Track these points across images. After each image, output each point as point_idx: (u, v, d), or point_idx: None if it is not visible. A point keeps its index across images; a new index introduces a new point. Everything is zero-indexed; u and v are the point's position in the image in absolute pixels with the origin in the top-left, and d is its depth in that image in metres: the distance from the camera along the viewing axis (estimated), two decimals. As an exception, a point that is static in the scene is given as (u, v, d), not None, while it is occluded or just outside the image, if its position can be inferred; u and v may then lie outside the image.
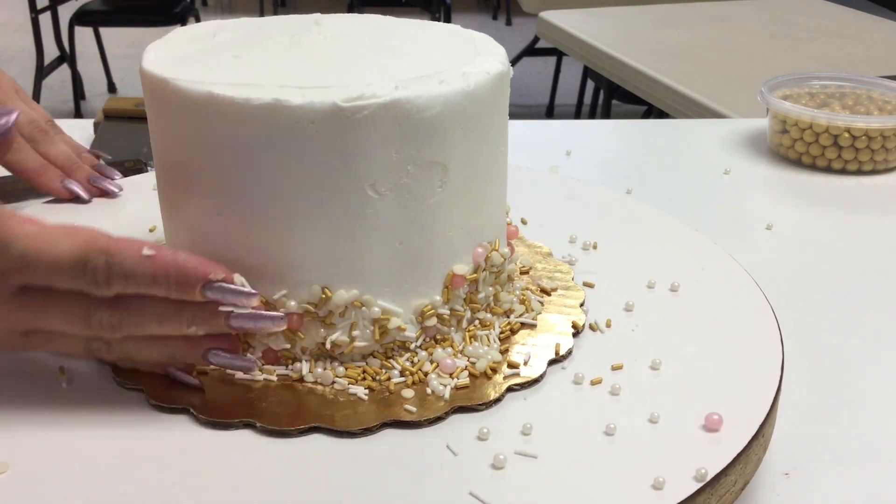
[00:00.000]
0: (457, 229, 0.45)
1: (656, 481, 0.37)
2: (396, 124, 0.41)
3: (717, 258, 0.55)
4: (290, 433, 0.40)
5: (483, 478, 0.38)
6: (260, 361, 0.44)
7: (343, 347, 0.43)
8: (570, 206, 0.63)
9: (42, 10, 3.03)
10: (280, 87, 0.40)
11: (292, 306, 0.43)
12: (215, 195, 0.42)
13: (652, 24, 1.69)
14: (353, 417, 0.41)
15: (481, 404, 0.42)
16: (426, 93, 0.41)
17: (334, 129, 0.40)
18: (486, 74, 0.44)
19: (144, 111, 0.46)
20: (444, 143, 0.42)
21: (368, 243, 0.42)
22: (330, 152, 0.40)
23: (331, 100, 0.39)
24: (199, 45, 0.46)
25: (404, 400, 0.42)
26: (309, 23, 0.51)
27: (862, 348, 0.57)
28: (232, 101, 0.40)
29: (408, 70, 0.43)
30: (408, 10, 3.43)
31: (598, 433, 0.40)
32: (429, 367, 0.44)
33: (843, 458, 0.47)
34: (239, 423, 0.40)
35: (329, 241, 0.42)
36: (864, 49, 1.51)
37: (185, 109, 0.41)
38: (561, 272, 0.53)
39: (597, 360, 0.45)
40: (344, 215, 0.41)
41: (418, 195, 0.42)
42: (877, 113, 0.87)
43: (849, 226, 0.74)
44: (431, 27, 0.51)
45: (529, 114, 3.20)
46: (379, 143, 0.41)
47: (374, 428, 0.40)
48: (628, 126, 1.03)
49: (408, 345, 0.44)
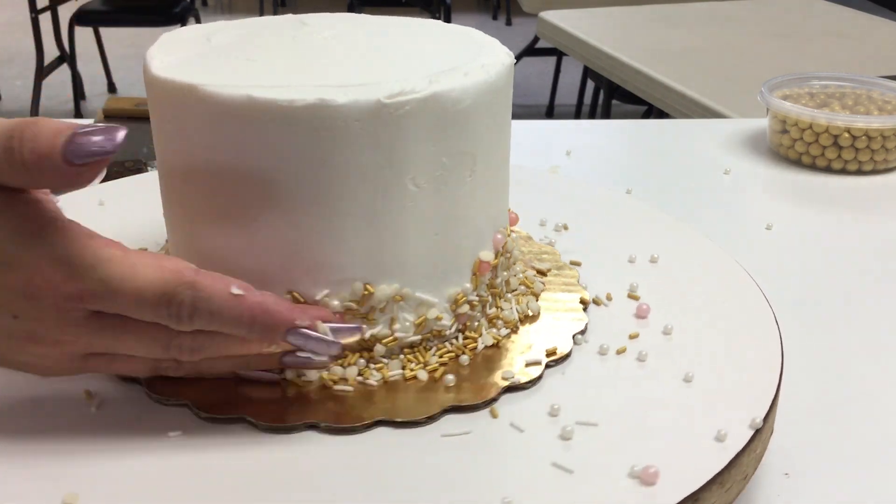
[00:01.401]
0: (482, 216, 0.46)
1: (718, 433, 0.40)
2: (434, 117, 0.41)
3: (716, 258, 0.56)
4: (356, 429, 0.40)
5: (555, 447, 0.39)
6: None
7: (384, 342, 0.44)
8: (569, 206, 0.63)
9: (42, 10, 3.04)
10: (319, 87, 0.40)
11: (335, 305, 0.43)
12: (257, 200, 0.41)
13: (652, 24, 1.69)
14: (413, 408, 0.41)
15: (528, 383, 0.43)
16: (457, 85, 0.42)
17: (378, 125, 0.40)
18: (501, 65, 0.45)
19: (144, 111, 0.46)
20: (473, 133, 0.43)
21: (408, 237, 0.43)
22: (374, 149, 0.40)
23: (374, 97, 0.40)
24: (200, 49, 0.46)
25: (452, 386, 0.43)
26: (296, 23, 0.51)
27: (862, 348, 0.57)
28: (274, 104, 0.39)
29: (428, 65, 0.43)
30: (408, 10, 3.43)
31: (643, 397, 0.43)
32: (465, 356, 0.45)
33: (843, 458, 0.47)
34: (302, 425, 0.40)
35: (371, 238, 0.42)
36: (864, 49, 1.51)
37: (219, 115, 0.40)
38: (547, 253, 0.55)
39: (612, 332, 0.48)
40: (387, 211, 0.42)
41: (452, 185, 0.43)
42: (877, 113, 0.87)
43: (849, 226, 0.74)
44: (417, 24, 0.52)
45: (529, 114, 3.20)
46: (418, 137, 0.41)
47: (436, 416, 0.41)
48: (628, 126, 1.03)
49: (444, 333, 0.45)
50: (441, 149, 0.42)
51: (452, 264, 0.45)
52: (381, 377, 0.43)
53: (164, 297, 0.36)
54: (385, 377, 0.43)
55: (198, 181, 0.43)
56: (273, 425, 0.40)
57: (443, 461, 0.39)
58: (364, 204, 0.41)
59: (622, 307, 0.50)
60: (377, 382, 0.43)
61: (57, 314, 0.36)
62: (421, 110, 0.41)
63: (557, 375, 0.44)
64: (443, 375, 0.43)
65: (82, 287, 0.36)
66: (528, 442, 0.40)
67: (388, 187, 0.41)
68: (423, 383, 0.43)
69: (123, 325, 0.37)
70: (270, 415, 0.40)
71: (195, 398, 0.41)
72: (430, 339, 0.45)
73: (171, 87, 0.42)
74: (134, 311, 0.36)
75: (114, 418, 0.40)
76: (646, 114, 2.31)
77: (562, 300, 0.50)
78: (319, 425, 0.40)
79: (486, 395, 0.42)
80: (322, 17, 0.52)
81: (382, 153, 0.41)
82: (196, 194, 0.44)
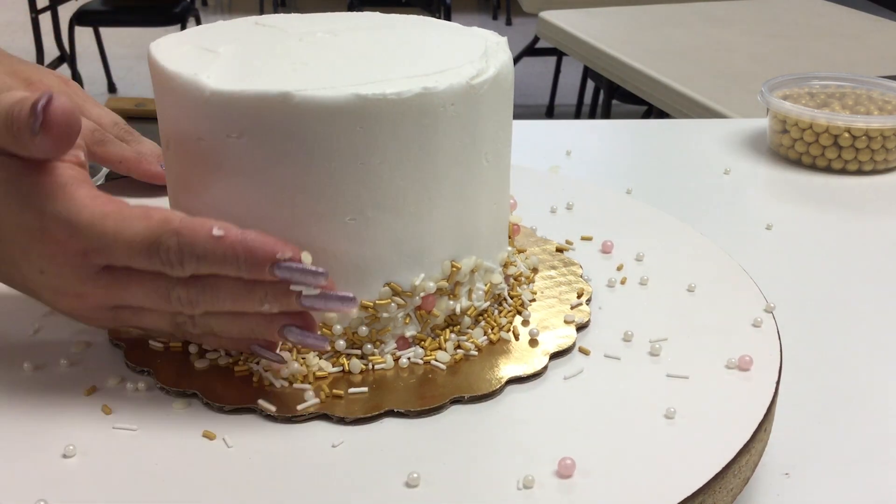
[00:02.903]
0: (511, 187, 0.50)
1: (717, 433, 0.40)
2: (496, 95, 0.44)
3: (716, 258, 0.56)
4: (429, 412, 0.41)
5: (578, 435, 0.40)
6: (396, 351, 0.44)
7: (469, 314, 0.46)
8: (569, 206, 0.63)
9: (42, 10, 3.04)
10: (417, 78, 0.41)
11: (430, 287, 0.44)
12: (362, 198, 0.42)
13: (652, 24, 1.69)
14: (484, 382, 0.43)
15: (532, 374, 0.44)
16: (501, 66, 0.45)
17: (467, 106, 0.43)
18: (506, 53, 0.47)
19: (144, 111, 0.46)
20: (511, 109, 0.47)
21: (480, 210, 0.46)
22: (463, 129, 0.43)
23: (464, 80, 0.42)
24: (228, 61, 0.44)
25: (522, 348, 0.45)
26: (291, 22, 0.51)
27: (862, 348, 0.57)
28: (384, 98, 0.40)
29: (465, 53, 0.45)
30: (408, 10, 3.43)
31: (668, 382, 0.44)
32: (518, 317, 0.48)
33: (843, 458, 0.47)
34: (381, 413, 0.41)
35: (458, 216, 0.45)
36: (864, 49, 1.51)
37: (321, 117, 0.40)
38: (546, 247, 0.57)
39: (614, 327, 0.49)
40: (469, 187, 0.45)
41: (501, 156, 0.47)
42: (877, 113, 0.87)
43: (849, 226, 0.74)
44: (408, 20, 0.52)
45: (529, 114, 3.20)
46: (491, 115, 0.44)
47: (501, 388, 0.43)
48: (628, 126, 1.03)
49: (502, 296, 0.49)
50: (498, 124, 0.45)
51: (502, 230, 0.49)
52: (474, 346, 0.45)
53: (153, 244, 0.39)
54: (478, 345, 0.45)
55: (282, 189, 0.42)
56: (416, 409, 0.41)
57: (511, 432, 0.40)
58: (454, 184, 0.44)
59: (624, 299, 0.50)
60: (475, 353, 0.45)
61: (72, 270, 0.40)
62: (492, 89, 0.44)
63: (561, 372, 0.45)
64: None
65: (85, 244, 0.39)
66: (551, 422, 0.41)
67: (470, 165, 0.44)
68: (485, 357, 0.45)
69: (128, 277, 0.40)
70: (354, 407, 0.41)
71: (203, 390, 0.41)
72: (493, 304, 0.48)
73: (251, 99, 0.40)
74: (132, 260, 0.39)
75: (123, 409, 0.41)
76: (646, 114, 2.31)
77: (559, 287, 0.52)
78: (401, 411, 0.41)
79: (537, 365, 0.44)
80: (312, 18, 0.52)
81: (469, 132, 0.43)
82: (281, 202, 0.42)
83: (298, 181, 0.41)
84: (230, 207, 0.43)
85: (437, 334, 0.45)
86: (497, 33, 0.49)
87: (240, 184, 0.42)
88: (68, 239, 0.39)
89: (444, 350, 0.45)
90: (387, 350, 0.44)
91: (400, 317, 0.44)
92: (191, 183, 0.44)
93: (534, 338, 0.46)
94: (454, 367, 0.44)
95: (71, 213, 0.39)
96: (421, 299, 0.44)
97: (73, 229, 0.39)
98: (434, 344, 0.45)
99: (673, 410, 0.41)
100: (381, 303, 0.44)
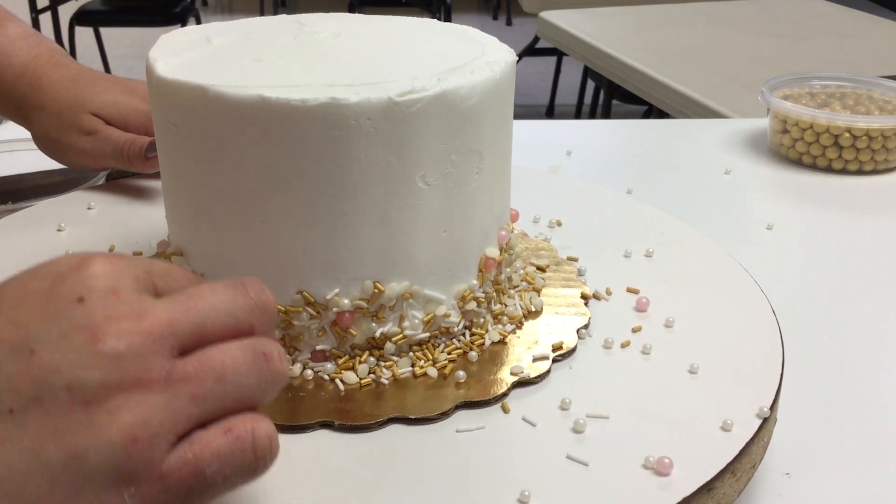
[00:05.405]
0: (488, 213, 0.47)
1: (724, 423, 0.40)
2: (443, 115, 0.42)
3: (717, 258, 0.56)
4: (370, 427, 0.41)
5: (568, 440, 0.40)
6: (309, 361, 0.44)
7: (393, 340, 0.44)
8: (569, 206, 0.63)
9: (42, 10, 3.04)
10: (330, 87, 0.40)
11: (345, 304, 0.43)
12: (268, 200, 0.42)
13: (652, 24, 1.69)
14: (425, 404, 0.42)
15: (537, 377, 0.44)
16: (465, 83, 0.42)
17: (389, 123, 0.40)
18: (505, 63, 0.45)
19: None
20: (480, 130, 0.44)
21: (417, 234, 0.43)
22: (385, 147, 0.41)
23: (386, 95, 0.40)
24: (204, 51, 0.46)
25: (462, 383, 0.43)
26: (294, 23, 0.51)
27: (862, 348, 0.57)
28: (287, 104, 0.39)
29: (435, 63, 0.44)
30: (408, 10, 3.43)
31: (650, 389, 0.43)
32: (473, 352, 0.45)
33: (843, 458, 0.47)
34: (315, 424, 0.40)
35: (382, 236, 0.43)
36: (864, 49, 1.51)
37: (230, 115, 0.40)
38: (545, 249, 0.56)
39: (615, 326, 0.48)
40: (397, 208, 0.42)
41: (460, 183, 0.44)
42: (877, 113, 0.87)
43: (849, 226, 0.74)
44: (417, 23, 0.52)
45: (529, 114, 3.20)
46: (428, 135, 0.41)
47: (449, 412, 0.41)
48: (628, 126, 1.03)
49: (451, 330, 0.46)
50: (450, 146, 0.42)
51: (460, 261, 0.46)
52: (391, 374, 0.43)
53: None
54: (395, 375, 0.43)
55: (206, 181, 0.43)
56: (286, 424, 0.40)
57: (458, 457, 0.39)
58: (375, 202, 0.42)
59: (622, 302, 0.51)
60: (387, 380, 0.43)
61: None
62: (431, 108, 0.41)
63: (565, 370, 0.45)
64: (452, 372, 0.44)
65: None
66: (541, 436, 0.40)
67: (398, 185, 0.42)
68: (433, 380, 0.43)
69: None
70: (283, 414, 0.41)
71: None
72: (439, 337, 0.45)
73: (180, 89, 0.42)
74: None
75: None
76: (646, 114, 2.31)
77: (563, 295, 0.51)
78: (333, 424, 0.40)
79: (496, 391, 0.42)
80: (321, 17, 0.52)
81: (393, 151, 0.41)
82: (204, 195, 0.43)
83: (216, 176, 0.42)
84: (172, 195, 0.46)
85: (356, 354, 0.44)
86: (509, 49, 0.47)
87: (177, 170, 0.45)
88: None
89: (355, 372, 0.43)
90: (300, 359, 0.44)
91: (314, 328, 0.43)
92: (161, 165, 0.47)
93: (458, 382, 0.43)
94: (375, 390, 0.43)
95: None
96: (335, 314, 0.43)
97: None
98: (349, 363, 0.44)
99: (673, 410, 0.41)
100: (293, 310, 0.43)
